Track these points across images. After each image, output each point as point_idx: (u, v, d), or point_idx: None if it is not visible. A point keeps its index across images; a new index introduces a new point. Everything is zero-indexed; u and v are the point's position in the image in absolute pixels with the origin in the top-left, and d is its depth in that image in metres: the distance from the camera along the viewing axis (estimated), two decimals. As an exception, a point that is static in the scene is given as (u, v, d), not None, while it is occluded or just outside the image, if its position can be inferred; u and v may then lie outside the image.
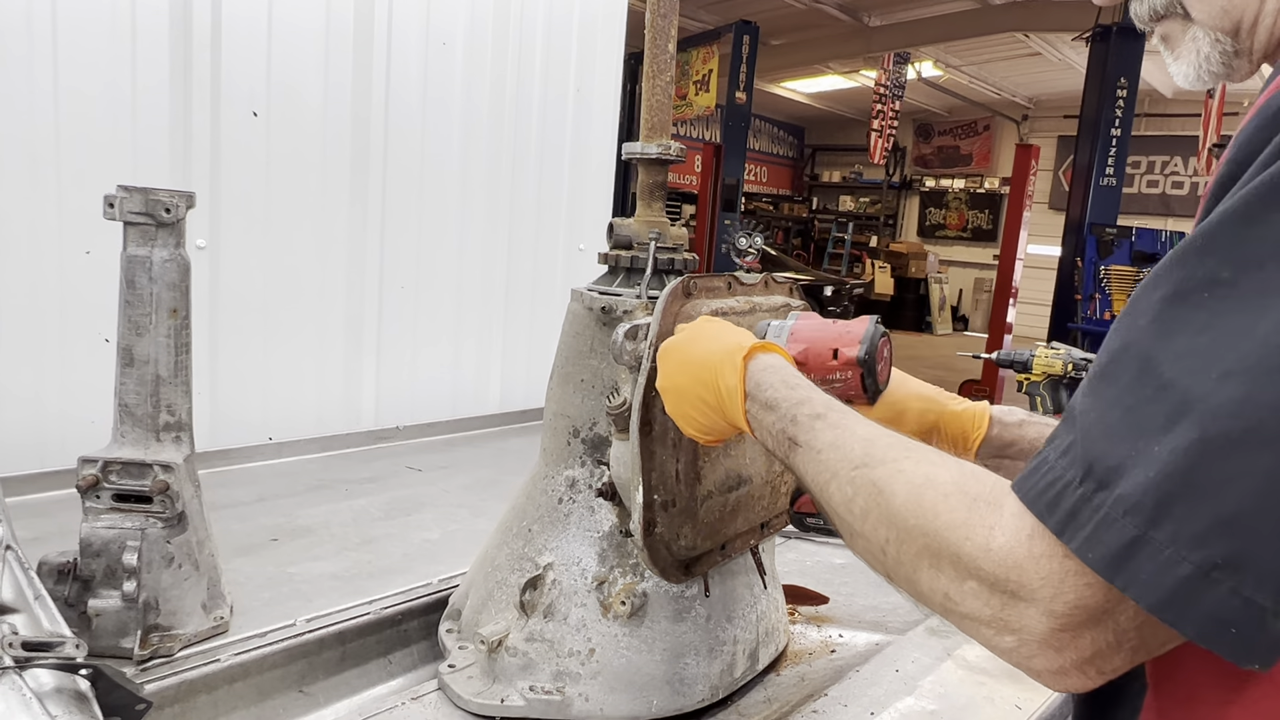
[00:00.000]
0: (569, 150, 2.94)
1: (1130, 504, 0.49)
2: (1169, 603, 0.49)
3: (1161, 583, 0.49)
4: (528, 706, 1.19)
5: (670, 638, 1.22)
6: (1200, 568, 0.48)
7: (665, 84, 1.31)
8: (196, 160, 2.04)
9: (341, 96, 2.32)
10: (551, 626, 1.22)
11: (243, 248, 2.18)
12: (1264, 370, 0.47)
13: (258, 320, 2.25)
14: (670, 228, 1.36)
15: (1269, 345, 0.47)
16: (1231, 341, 0.48)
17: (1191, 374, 0.49)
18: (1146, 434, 0.50)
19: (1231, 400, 0.47)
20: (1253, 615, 0.48)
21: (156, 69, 1.97)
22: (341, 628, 1.37)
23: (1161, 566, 0.49)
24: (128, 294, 1.23)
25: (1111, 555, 0.50)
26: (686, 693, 1.22)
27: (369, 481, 2.05)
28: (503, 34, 2.67)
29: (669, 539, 1.11)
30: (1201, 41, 0.74)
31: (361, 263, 2.44)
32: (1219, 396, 0.48)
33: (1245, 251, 0.50)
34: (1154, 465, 0.49)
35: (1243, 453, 0.47)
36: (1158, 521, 0.49)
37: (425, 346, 2.63)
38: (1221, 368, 0.48)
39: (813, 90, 14.52)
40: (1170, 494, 0.48)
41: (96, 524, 1.22)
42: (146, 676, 1.18)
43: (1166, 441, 0.49)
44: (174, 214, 1.22)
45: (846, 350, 0.98)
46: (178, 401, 1.28)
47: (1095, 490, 0.51)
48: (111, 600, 1.21)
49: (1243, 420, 0.47)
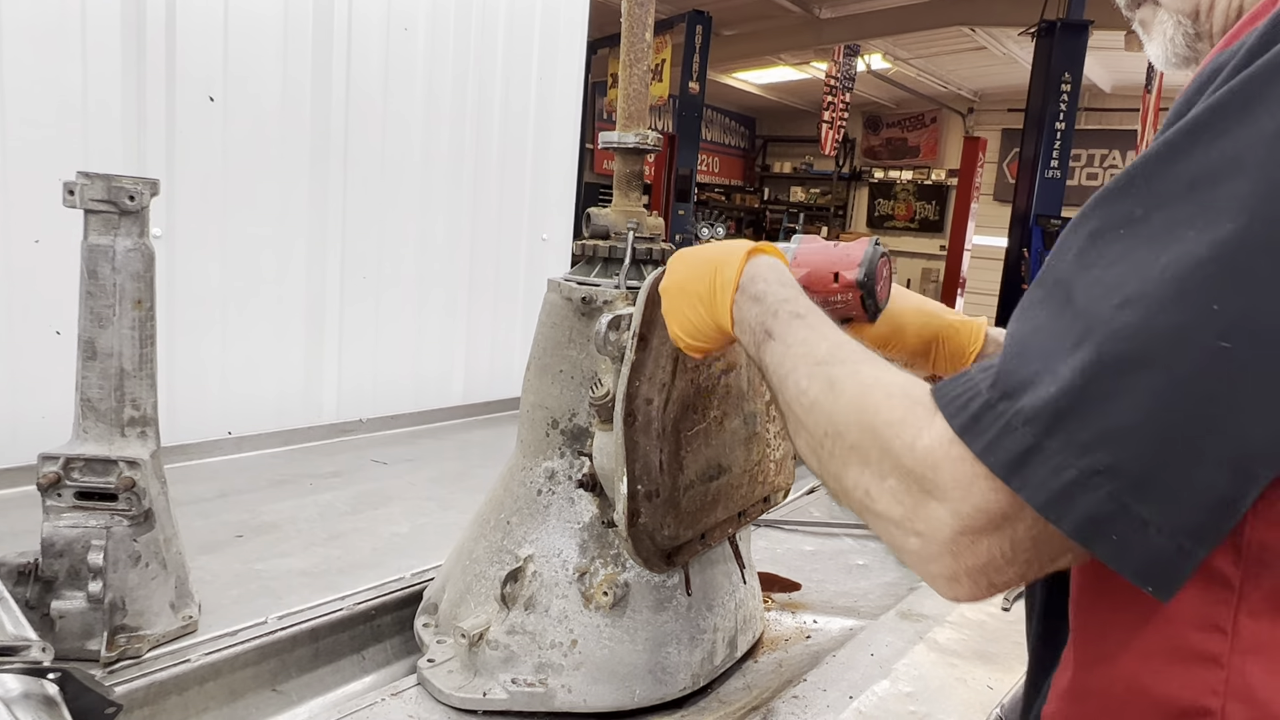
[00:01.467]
0: (531, 138, 2.91)
1: (1029, 415, 0.54)
2: (1054, 502, 0.53)
3: (1049, 485, 0.53)
4: (510, 699, 1.19)
5: (652, 627, 1.22)
6: (1083, 472, 0.52)
7: (642, 73, 1.30)
8: (151, 146, 1.97)
9: (301, 82, 2.26)
10: (533, 619, 1.21)
11: (200, 237, 2.12)
12: (1158, 300, 0.51)
13: (215, 311, 2.19)
14: (648, 217, 1.35)
15: (1165, 277, 0.51)
16: (1135, 272, 0.52)
17: (1097, 301, 0.53)
18: (1053, 354, 0.54)
19: (1127, 326, 0.51)
20: (1133, 522, 0.52)
21: (108, 51, 1.89)
22: (314, 624, 1.35)
23: (1051, 471, 0.53)
24: (89, 285, 1.19)
25: (1010, 460, 0.54)
26: (669, 681, 1.23)
27: (333, 475, 2.02)
28: (465, 19, 2.63)
29: (652, 529, 1.11)
30: (1167, 24, 0.79)
31: (322, 252, 2.39)
32: (1117, 322, 0.52)
33: (1158, 189, 0.54)
34: (1055, 382, 0.53)
35: (1131, 373, 0.51)
36: (1052, 431, 0.53)
37: (387, 338, 2.59)
38: (1122, 295, 0.52)
39: (764, 81, 14.58)
40: (1065, 408, 0.53)
41: (59, 523, 1.18)
42: (115, 679, 1.15)
43: (1069, 361, 0.53)
44: (138, 202, 1.18)
45: (846, 273, 1.01)
46: (143, 395, 1.24)
47: (1000, 399, 0.56)
48: (76, 601, 1.17)
49: (1134, 344, 0.51)
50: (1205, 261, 0.50)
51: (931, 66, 13.08)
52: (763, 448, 1.31)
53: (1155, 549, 0.52)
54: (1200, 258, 0.50)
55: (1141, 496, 0.51)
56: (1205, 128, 0.53)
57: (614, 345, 1.07)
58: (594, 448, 1.17)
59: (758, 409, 1.28)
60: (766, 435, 1.31)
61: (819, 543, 1.95)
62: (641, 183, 1.37)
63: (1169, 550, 0.52)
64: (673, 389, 1.08)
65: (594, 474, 1.20)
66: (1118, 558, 0.53)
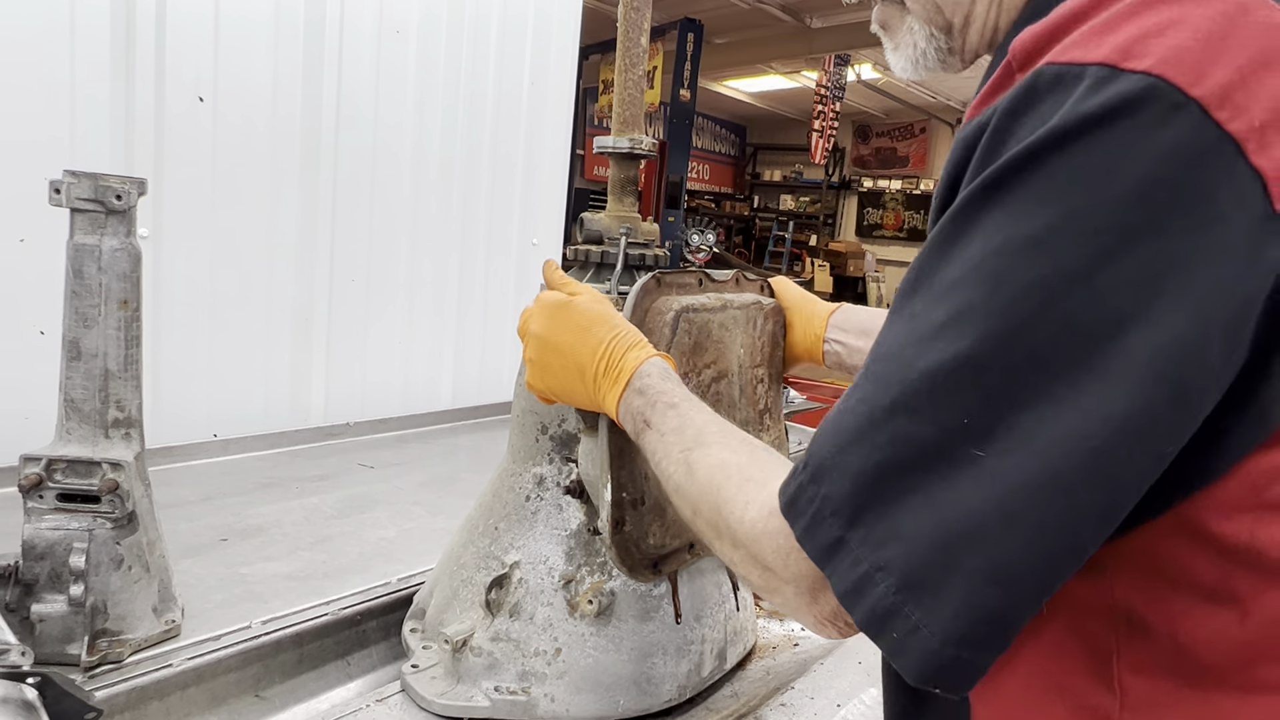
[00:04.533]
0: (523, 143, 2.90)
1: (834, 507, 0.56)
2: (849, 593, 0.56)
3: (848, 576, 0.56)
4: (493, 707, 1.17)
5: (637, 637, 1.21)
6: (872, 566, 0.54)
7: (638, 78, 1.30)
8: (139, 145, 1.96)
9: (292, 83, 2.25)
10: (518, 626, 1.20)
11: (187, 237, 2.09)
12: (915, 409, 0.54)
13: (202, 312, 2.16)
14: (642, 223, 1.35)
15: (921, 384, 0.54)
16: (904, 371, 0.55)
17: (876, 396, 0.56)
18: (844, 443, 0.57)
19: (896, 434, 0.54)
20: (906, 623, 0.53)
21: (96, 47, 1.87)
22: (299, 629, 1.33)
23: (851, 564, 0.55)
24: (75, 284, 1.17)
25: (823, 549, 0.57)
26: (654, 692, 1.21)
27: (320, 479, 2.00)
28: (458, 22, 2.62)
29: (637, 537, 1.10)
30: (918, 35, 0.80)
31: (311, 255, 2.37)
32: (890, 428, 0.54)
33: (928, 290, 0.56)
34: (847, 478, 0.56)
35: (906, 477, 0.53)
36: (854, 525, 0.55)
37: (376, 341, 2.57)
38: (894, 395, 0.55)
39: (755, 89, 14.64)
40: (862, 505, 0.55)
41: (40, 525, 1.16)
42: (95, 683, 1.13)
43: (854, 455, 0.56)
44: (125, 201, 1.17)
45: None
46: (128, 397, 1.23)
47: (809, 481, 0.59)
48: (57, 605, 1.16)
49: (904, 451, 0.54)
50: (947, 372, 0.52)
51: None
52: None
53: (929, 653, 0.52)
54: (944, 368, 0.53)
55: (913, 599, 0.53)
56: (955, 232, 0.55)
57: None
58: (579, 454, 1.17)
59: (750, 417, 1.28)
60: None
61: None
62: (636, 188, 1.37)
63: (945, 656, 0.52)
64: None
65: (580, 480, 1.19)
66: (896, 656, 0.54)
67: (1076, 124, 0.50)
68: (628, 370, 0.92)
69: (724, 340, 1.20)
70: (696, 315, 1.12)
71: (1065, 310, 0.50)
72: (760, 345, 1.29)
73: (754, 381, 1.28)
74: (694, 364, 1.14)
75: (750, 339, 1.26)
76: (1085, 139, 0.49)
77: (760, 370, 1.30)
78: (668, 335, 1.09)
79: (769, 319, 1.30)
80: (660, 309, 1.09)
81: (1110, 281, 0.49)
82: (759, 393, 1.30)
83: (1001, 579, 0.51)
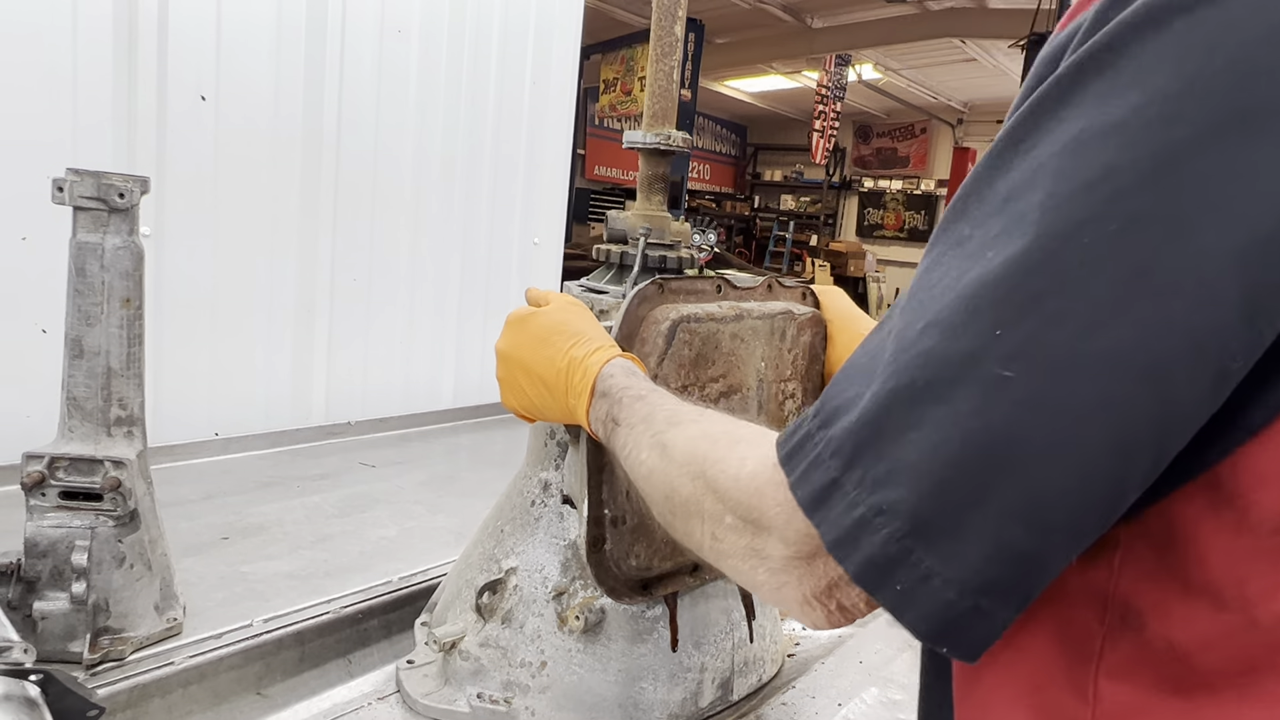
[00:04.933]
0: (524, 143, 2.90)
1: (835, 446, 0.50)
2: (840, 541, 0.49)
3: (840, 523, 0.49)
4: (473, 714, 1.15)
5: (627, 659, 1.16)
6: (870, 509, 0.47)
7: (669, 69, 1.21)
8: (141, 144, 1.96)
9: (294, 82, 2.25)
10: (507, 634, 1.17)
11: (189, 236, 2.10)
12: (949, 324, 0.47)
13: (204, 311, 2.17)
14: (671, 222, 1.28)
15: (959, 298, 0.47)
16: (943, 294, 0.48)
17: (909, 326, 0.49)
18: (862, 380, 0.51)
19: (922, 352, 0.47)
20: (915, 571, 0.46)
21: (99, 47, 1.87)
22: (300, 628, 1.33)
23: (845, 508, 0.49)
24: (77, 282, 1.18)
25: (814, 494, 0.51)
26: (640, 719, 1.16)
27: (321, 478, 2.00)
28: (459, 22, 2.63)
29: (618, 557, 1.06)
30: None
31: (313, 253, 2.38)
32: (917, 347, 0.48)
33: (981, 206, 0.49)
34: (857, 411, 0.49)
35: (923, 403, 0.47)
36: (852, 464, 0.49)
37: (377, 340, 2.57)
38: (925, 319, 0.48)
39: (756, 89, 14.64)
40: (864, 440, 0.48)
41: (43, 523, 1.17)
42: (97, 681, 1.13)
43: (873, 388, 0.49)
44: (128, 199, 1.17)
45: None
46: (130, 395, 1.23)
47: (818, 428, 0.52)
48: (59, 602, 1.16)
49: (926, 371, 0.47)
50: (992, 282, 0.46)
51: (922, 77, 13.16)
52: None
53: (942, 604, 0.46)
54: (988, 278, 0.46)
55: (924, 542, 0.46)
56: (1020, 136, 0.49)
57: None
58: (565, 465, 1.14)
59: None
60: None
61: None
62: (665, 185, 1.29)
63: (961, 608, 0.46)
64: None
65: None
66: (901, 610, 0.48)
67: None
68: (590, 376, 0.88)
69: (737, 353, 1.12)
70: (700, 325, 1.06)
71: (1133, 206, 0.43)
72: (791, 358, 1.19)
73: (780, 396, 1.20)
74: (696, 377, 1.07)
75: (776, 351, 1.17)
76: (1187, 13, 0.44)
77: (791, 385, 1.20)
78: (661, 346, 1.02)
79: (804, 330, 1.20)
80: (656, 318, 1.03)
81: (1194, 173, 0.43)
82: (788, 409, 1.21)
83: (1034, 516, 0.45)
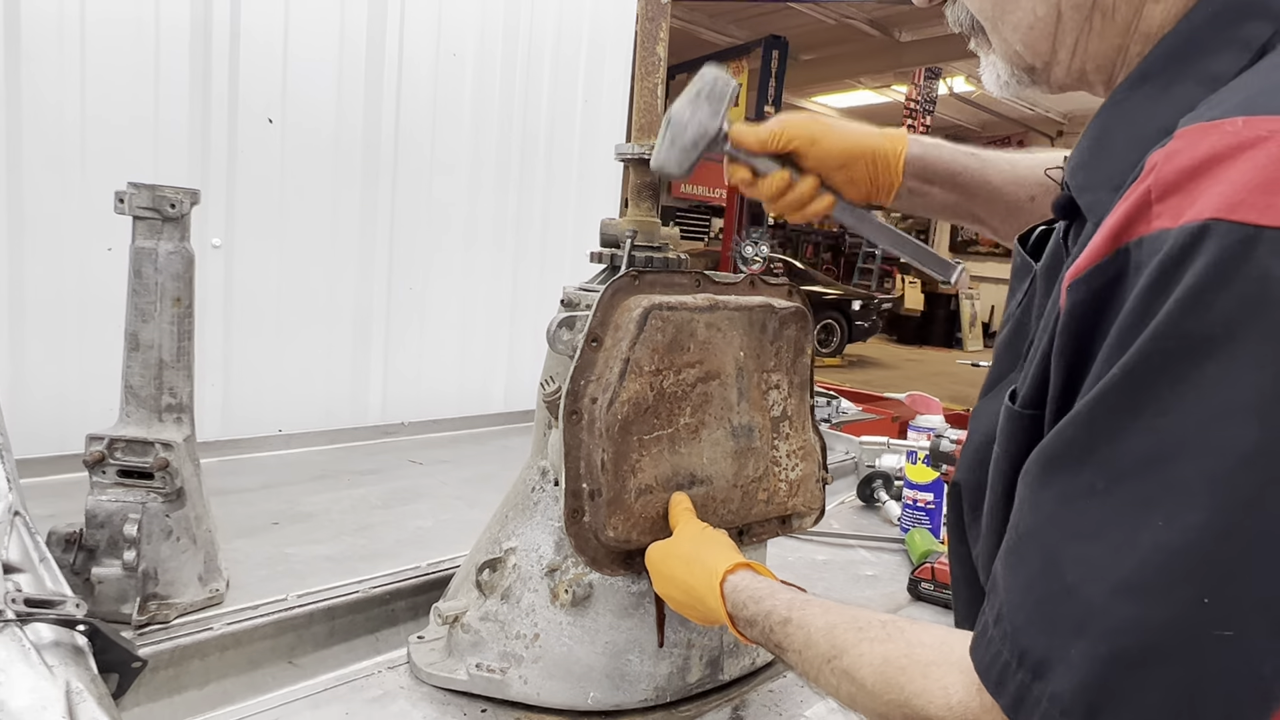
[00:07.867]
0: (577, 159, 3.02)
1: (1064, 705, 0.54)
2: None
3: None
4: (470, 682, 1.23)
5: (614, 632, 1.22)
6: None
7: (653, 86, 1.34)
8: (214, 163, 2.15)
9: (354, 103, 2.42)
10: (505, 608, 1.25)
11: (257, 247, 2.28)
12: (1147, 592, 0.52)
13: (270, 317, 2.35)
14: (661, 228, 1.38)
15: (1149, 562, 0.52)
16: (1119, 554, 0.53)
17: (1089, 582, 0.54)
18: (1061, 633, 0.55)
19: (1128, 619, 0.52)
20: None
21: (177, 75, 2.07)
22: (331, 604, 1.43)
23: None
24: (135, 283, 1.32)
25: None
26: (627, 689, 1.22)
27: (371, 473, 2.13)
28: (512, 46, 2.76)
29: (596, 528, 1.13)
30: (1000, 69, 0.80)
31: (371, 263, 2.54)
32: (1119, 613, 0.52)
33: (1113, 463, 0.54)
34: (1076, 672, 0.54)
35: (1146, 669, 0.52)
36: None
37: (432, 346, 2.71)
38: (1114, 580, 0.53)
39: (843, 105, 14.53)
40: (1094, 704, 0.53)
41: (101, 497, 1.30)
42: (143, 640, 1.25)
43: (1080, 648, 0.54)
44: (179, 209, 1.31)
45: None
46: (179, 384, 1.36)
47: (1032, 680, 0.57)
48: (113, 568, 1.29)
49: (1140, 638, 0.52)
50: (1180, 553, 0.51)
51: (1015, 89, 12.81)
52: (764, 464, 1.28)
53: None
54: (1175, 549, 0.51)
55: None
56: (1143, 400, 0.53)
57: (566, 344, 1.13)
58: (549, 445, 1.22)
59: (756, 423, 1.27)
60: (773, 453, 1.29)
61: (832, 553, 1.97)
62: (654, 193, 1.40)
63: None
64: (620, 389, 1.11)
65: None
66: None
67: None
68: (720, 610, 1.00)
69: (713, 341, 1.20)
70: (673, 314, 1.14)
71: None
72: (775, 349, 1.27)
73: (763, 386, 1.27)
74: (671, 361, 1.16)
75: (755, 342, 1.25)
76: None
77: (775, 375, 1.28)
78: (633, 331, 1.11)
79: (787, 324, 1.28)
80: (630, 306, 1.12)
81: None
82: (772, 399, 1.28)
83: None
